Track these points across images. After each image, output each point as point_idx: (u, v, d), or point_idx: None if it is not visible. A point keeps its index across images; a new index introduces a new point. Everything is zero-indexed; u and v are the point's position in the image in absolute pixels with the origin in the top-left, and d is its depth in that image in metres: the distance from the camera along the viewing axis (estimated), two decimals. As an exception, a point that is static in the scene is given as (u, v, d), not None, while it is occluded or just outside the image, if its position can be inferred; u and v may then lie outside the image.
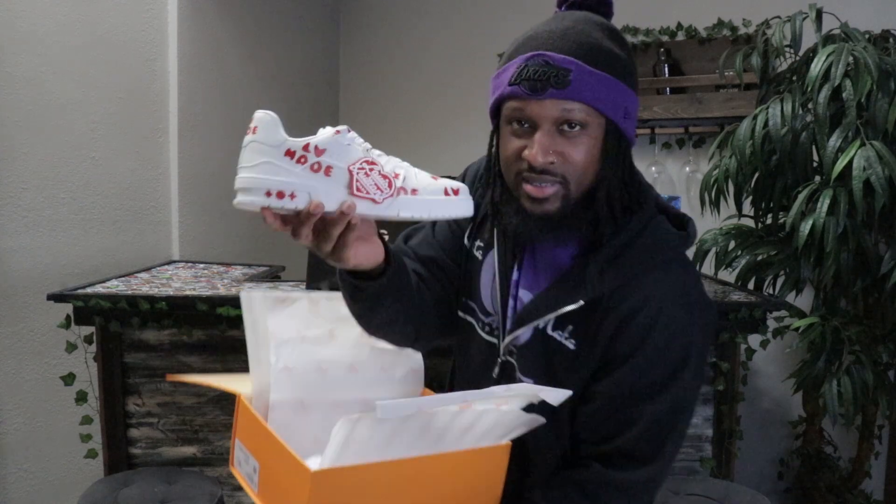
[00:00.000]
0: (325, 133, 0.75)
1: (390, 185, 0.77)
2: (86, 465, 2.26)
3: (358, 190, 0.75)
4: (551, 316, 0.90)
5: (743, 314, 1.94)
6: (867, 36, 2.05)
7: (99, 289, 1.95)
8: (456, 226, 1.05)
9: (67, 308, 1.93)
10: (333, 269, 0.85)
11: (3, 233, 2.21)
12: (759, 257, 2.14)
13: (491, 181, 0.94)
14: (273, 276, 2.49)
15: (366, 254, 0.81)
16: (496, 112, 0.90)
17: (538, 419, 0.87)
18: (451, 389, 1.11)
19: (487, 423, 0.83)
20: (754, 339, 2.08)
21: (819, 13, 2.04)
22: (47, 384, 2.30)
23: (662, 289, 0.88)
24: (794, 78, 2.11)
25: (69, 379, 2.07)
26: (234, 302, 1.86)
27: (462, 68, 3.33)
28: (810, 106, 1.98)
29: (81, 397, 2.06)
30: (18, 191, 2.23)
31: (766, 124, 2.00)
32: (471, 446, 0.83)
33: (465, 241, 1.05)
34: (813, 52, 2.05)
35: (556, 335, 0.92)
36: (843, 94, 1.90)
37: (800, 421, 2.49)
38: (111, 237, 2.50)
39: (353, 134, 0.77)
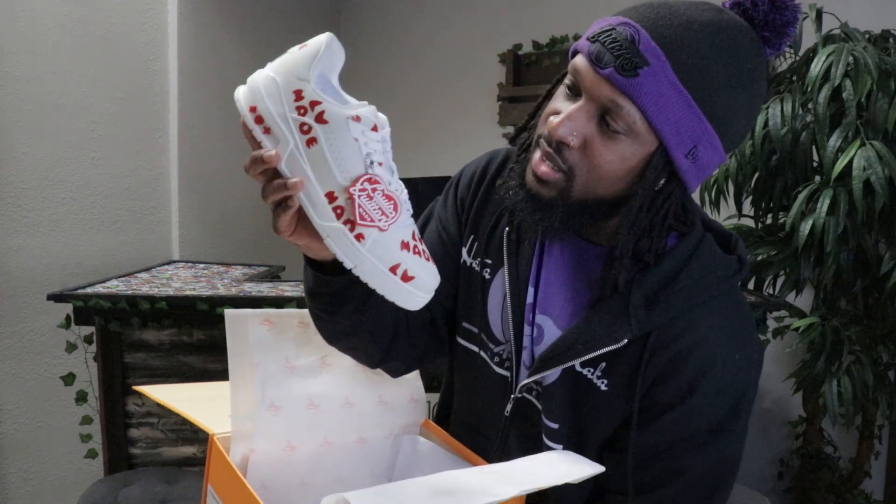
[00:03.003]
0: (343, 107, 0.61)
1: (396, 208, 0.62)
2: (86, 465, 2.27)
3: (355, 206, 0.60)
4: (586, 357, 0.76)
5: (743, 314, 1.94)
6: (867, 36, 2.04)
7: (99, 289, 1.95)
8: (446, 235, 0.91)
9: (67, 308, 1.93)
10: None
11: (3, 233, 2.21)
12: (759, 257, 2.14)
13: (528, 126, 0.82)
14: (273, 275, 2.49)
15: (311, 237, 0.66)
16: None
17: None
18: (446, 415, 0.99)
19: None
20: (754, 339, 2.08)
21: (819, 13, 2.04)
22: (47, 384, 2.30)
23: (717, 328, 0.75)
24: (794, 78, 2.10)
25: (69, 379, 2.08)
26: (234, 302, 1.86)
27: (462, 68, 3.33)
28: (810, 106, 1.98)
29: (81, 397, 2.06)
30: (18, 191, 2.23)
31: (766, 124, 2.00)
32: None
33: (465, 256, 0.90)
34: (813, 52, 2.05)
35: (585, 372, 0.78)
36: (843, 94, 1.90)
37: (800, 421, 2.49)
38: (111, 237, 2.50)
39: (380, 135, 0.63)
